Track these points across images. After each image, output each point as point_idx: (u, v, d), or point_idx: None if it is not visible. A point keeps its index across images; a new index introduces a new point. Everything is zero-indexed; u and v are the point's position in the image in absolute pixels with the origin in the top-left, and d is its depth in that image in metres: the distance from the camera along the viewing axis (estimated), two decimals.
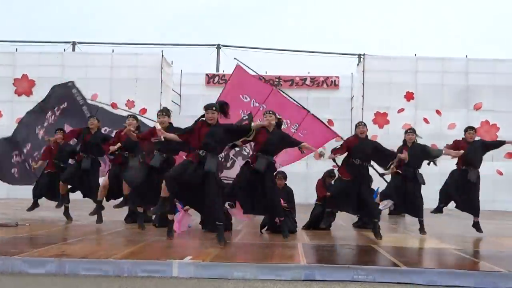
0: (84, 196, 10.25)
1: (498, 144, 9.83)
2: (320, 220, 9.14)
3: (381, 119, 19.09)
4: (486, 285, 5.19)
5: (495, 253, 7.50)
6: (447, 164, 10.02)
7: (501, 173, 18.36)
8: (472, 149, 9.42)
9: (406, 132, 9.50)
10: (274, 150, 8.06)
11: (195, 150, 7.10)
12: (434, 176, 10.48)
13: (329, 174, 9.94)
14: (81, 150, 9.95)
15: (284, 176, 9.37)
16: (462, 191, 9.35)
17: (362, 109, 19.17)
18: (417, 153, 9.21)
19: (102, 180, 9.63)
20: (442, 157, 9.49)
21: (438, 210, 9.55)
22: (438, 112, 19.03)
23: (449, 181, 9.59)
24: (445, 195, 9.56)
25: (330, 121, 21.69)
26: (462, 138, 9.62)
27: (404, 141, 9.45)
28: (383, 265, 5.81)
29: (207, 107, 7.16)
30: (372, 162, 8.88)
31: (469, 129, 9.73)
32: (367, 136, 8.70)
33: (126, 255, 6.01)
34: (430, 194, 12.85)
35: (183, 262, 5.53)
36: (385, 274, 5.37)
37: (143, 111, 19.14)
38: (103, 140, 9.75)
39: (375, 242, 7.94)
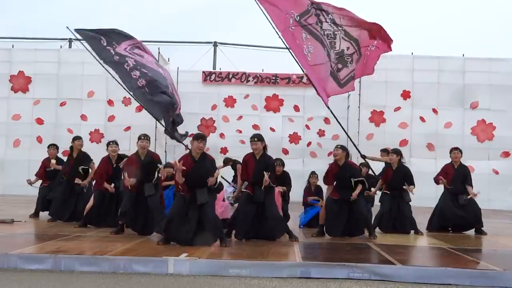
0: (68, 220, 9.62)
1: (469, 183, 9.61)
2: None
3: (377, 117, 19.11)
4: (481, 283, 5.21)
5: (491, 251, 7.53)
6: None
7: (497, 172, 18.38)
8: (456, 178, 9.59)
9: (389, 152, 9.57)
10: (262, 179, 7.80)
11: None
12: (430, 175, 10.48)
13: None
14: (69, 174, 9.77)
15: (282, 163, 9.52)
16: (460, 209, 9.43)
17: (359, 107, 19.19)
18: (400, 176, 9.22)
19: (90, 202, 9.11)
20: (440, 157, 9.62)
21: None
22: (434, 110, 19.05)
23: (443, 204, 9.64)
24: (442, 218, 9.59)
25: (326, 119, 21.76)
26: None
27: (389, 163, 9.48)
28: (378, 263, 5.83)
29: (198, 136, 7.16)
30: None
31: (454, 149, 9.80)
32: (345, 159, 8.53)
33: (122, 252, 6.02)
34: (425, 194, 12.90)
35: (179, 259, 5.54)
36: (381, 272, 5.39)
37: (140, 108, 19.09)
38: (86, 164, 9.67)
39: (371, 240, 7.96)
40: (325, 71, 8.91)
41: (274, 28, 8.74)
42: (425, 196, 12.75)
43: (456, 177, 9.62)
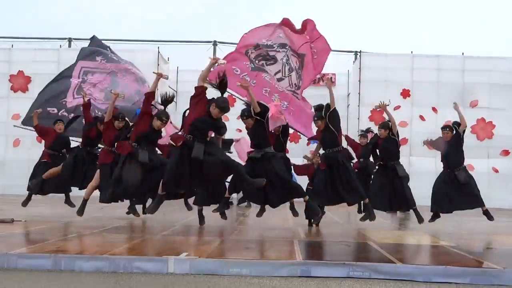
0: (81, 188, 9.90)
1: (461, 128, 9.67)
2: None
3: (377, 116, 19.06)
4: (481, 282, 5.20)
5: (491, 250, 7.53)
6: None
7: (496, 171, 18.40)
8: (449, 148, 9.57)
9: (378, 127, 9.66)
10: (263, 140, 8.12)
11: (184, 133, 7.31)
12: (429, 174, 10.52)
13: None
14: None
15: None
16: (457, 191, 9.40)
17: (359, 106, 19.19)
18: (391, 146, 9.26)
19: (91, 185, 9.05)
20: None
21: (435, 217, 9.57)
22: (434, 109, 19.05)
23: (439, 185, 9.69)
24: (438, 202, 9.61)
25: None
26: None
27: (376, 134, 9.62)
28: (379, 262, 5.82)
29: (223, 108, 7.30)
30: None
31: (443, 128, 9.73)
32: (325, 126, 8.78)
33: (122, 251, 6.02)
34: (425, 193, 12.89)
35: (179, 258, 5.53)
36: (381, 271, 5.38)
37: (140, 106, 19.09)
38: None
39: (371, 238, 7.96)
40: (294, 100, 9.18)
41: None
42: (424, 195, 12.73)
43: (448, 149, 9.54)
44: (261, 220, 9.08)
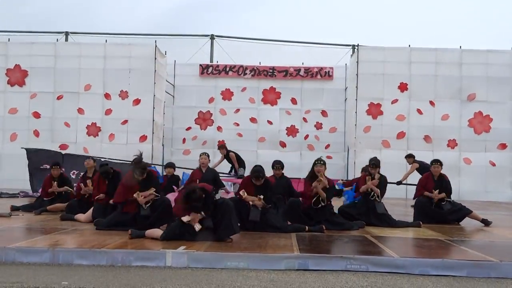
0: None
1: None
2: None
3: (374, 110, 19.12)
4: (478, 274, 5.23)
5: (487, 243, 7.54)
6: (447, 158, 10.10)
7: (493, 164, 18.42)
8: (436, 189, 9.64)
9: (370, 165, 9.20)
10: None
11: None
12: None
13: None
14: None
15: (282, 166, 9.40)
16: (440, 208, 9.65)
17: (356, 100, 19.19)
18: (380, 186, 9.09)
19: (84, 216, 8.62)
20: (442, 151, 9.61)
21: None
22: (431, 103, 19.08)
23: (420, 202, 9.78)
24: (422, 212, 9.64)
25: (323, 112, 21.78)
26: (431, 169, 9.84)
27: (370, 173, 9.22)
28: (376, 255, 5.84)
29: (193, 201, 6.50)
30: None
31: (434, 162, 9.72)
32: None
33: (120, 245, 6.02)
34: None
35: (177, 252, 5.54)
36: (378, 264, 5.40)
37: (137, 101, 19.09)
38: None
39: (368, 232, 7.98)
40: None
41: None
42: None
43: (436, 187, 9.65)
44: None
